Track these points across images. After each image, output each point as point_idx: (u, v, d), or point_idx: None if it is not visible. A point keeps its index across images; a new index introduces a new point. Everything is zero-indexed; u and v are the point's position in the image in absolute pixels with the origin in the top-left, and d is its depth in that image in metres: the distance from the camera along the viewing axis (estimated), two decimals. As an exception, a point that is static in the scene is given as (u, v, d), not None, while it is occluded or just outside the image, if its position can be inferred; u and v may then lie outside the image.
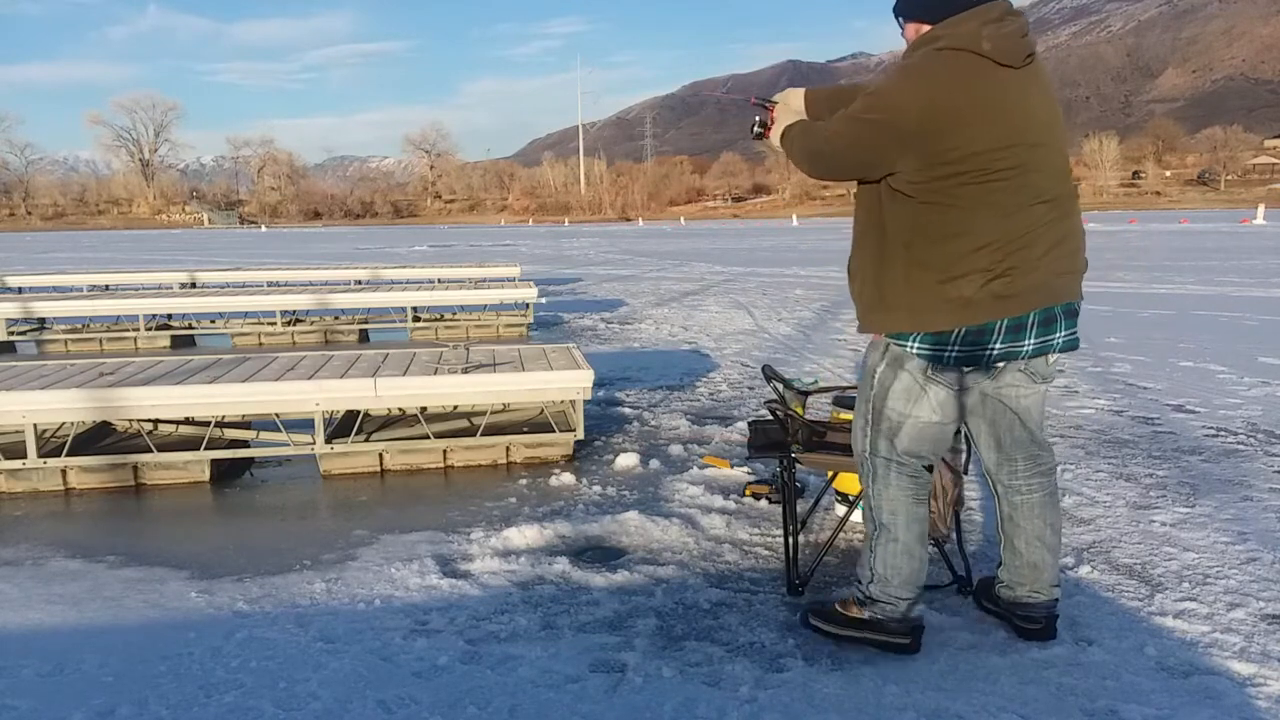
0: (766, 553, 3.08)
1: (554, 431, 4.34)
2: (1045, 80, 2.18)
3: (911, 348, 2.20)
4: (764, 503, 3.54)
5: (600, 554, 3.13)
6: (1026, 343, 2.17)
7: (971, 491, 3.61)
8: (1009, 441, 2.36)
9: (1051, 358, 2.26)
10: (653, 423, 4.96)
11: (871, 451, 2.34)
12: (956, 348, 2.17)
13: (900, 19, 2.25)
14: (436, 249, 29.75)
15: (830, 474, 3.27)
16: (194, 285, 11.74)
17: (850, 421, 3.02)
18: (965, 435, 2.74)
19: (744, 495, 3.63)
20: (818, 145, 2.26)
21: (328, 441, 4.14)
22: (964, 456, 2.75)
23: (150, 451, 4.05)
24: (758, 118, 2.43)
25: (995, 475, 2.43)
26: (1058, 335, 2.21)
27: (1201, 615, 2.55)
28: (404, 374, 4.26)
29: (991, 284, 2.10)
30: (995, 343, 2.15)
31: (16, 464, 3.92)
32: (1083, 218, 2.28)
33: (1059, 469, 3.95)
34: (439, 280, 11.06)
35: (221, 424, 4.37)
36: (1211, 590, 2.72)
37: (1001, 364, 2.21)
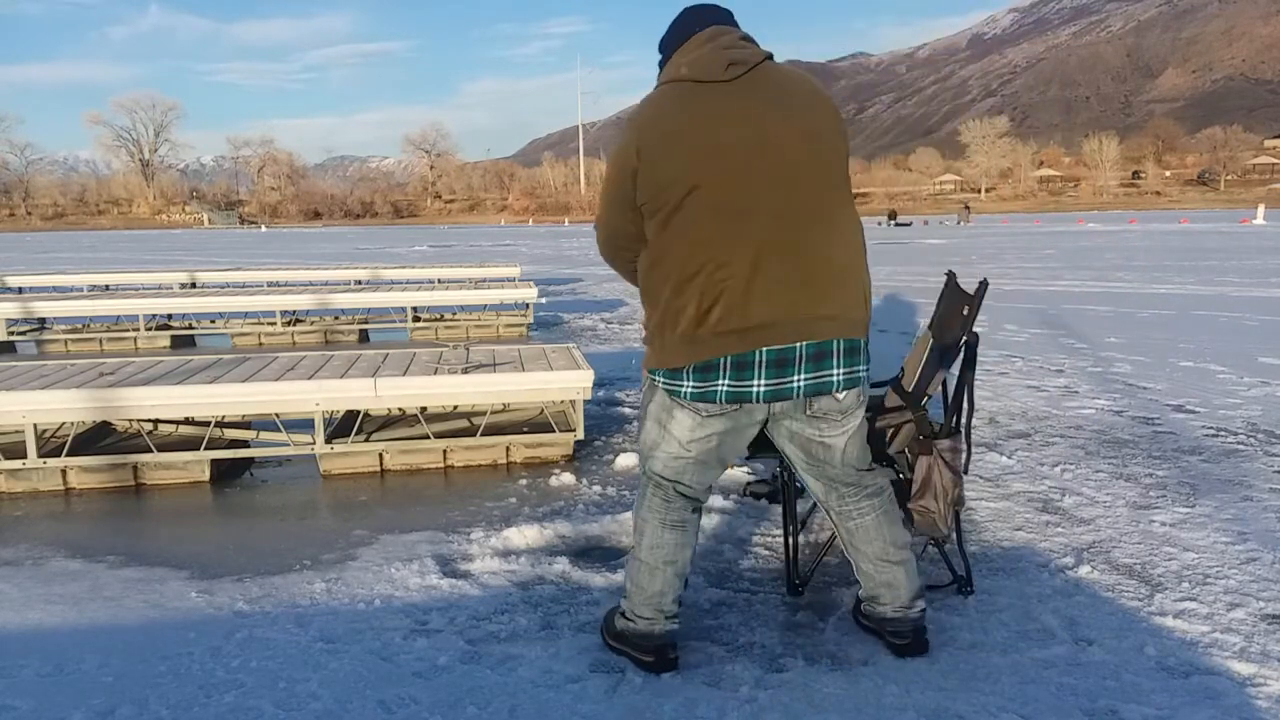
0: (766, 552, 3.08)
1: (554, 431, 4.34)
2: (774, 93, 2.02)
3: (658, 380, 2.16)
4: (763, 502, 3.54)
5: (600, 554, 3.13)
6: (756, 383, 2.04)
7: (971, 491, 3.61)
8: (828, 474, 2.28)
9: (842, 396, 2.12)
10: (653, 423, 4.95)
11: (640, 465, 2.33)
12: (691, 383, 2.07)
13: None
14: (436, 249, 29.75)
15: (830, 474, 3.28)
16: (194, 285, 11.74)
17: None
18: (965, 434, 2.74)
19: (743, 495, 3.63)
20: (598, 232, 2.26)
21: (328, 441, 4.14)
22: (964, 456, 2.75)
23: (150, 451, 4.05)
24: None
25: (825, 503, 2.35)
26: (797, 378, 2.05)
27: (1201, 615, 2.55)
28: (404, 374, 4.26)
29: (707, 319, 2.00)
30: (723, 379, 2.04)
31: (16, 464, 3.92)
32: (862, 255, 2.13)
33: (1059, 468, 3.96)
34: (439, 280, 11.07)
35: (221, 424, 4.37)
36: (1211, 590, 2.72)
37: (773, 403, 2.09)
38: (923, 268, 16.29)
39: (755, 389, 2.06)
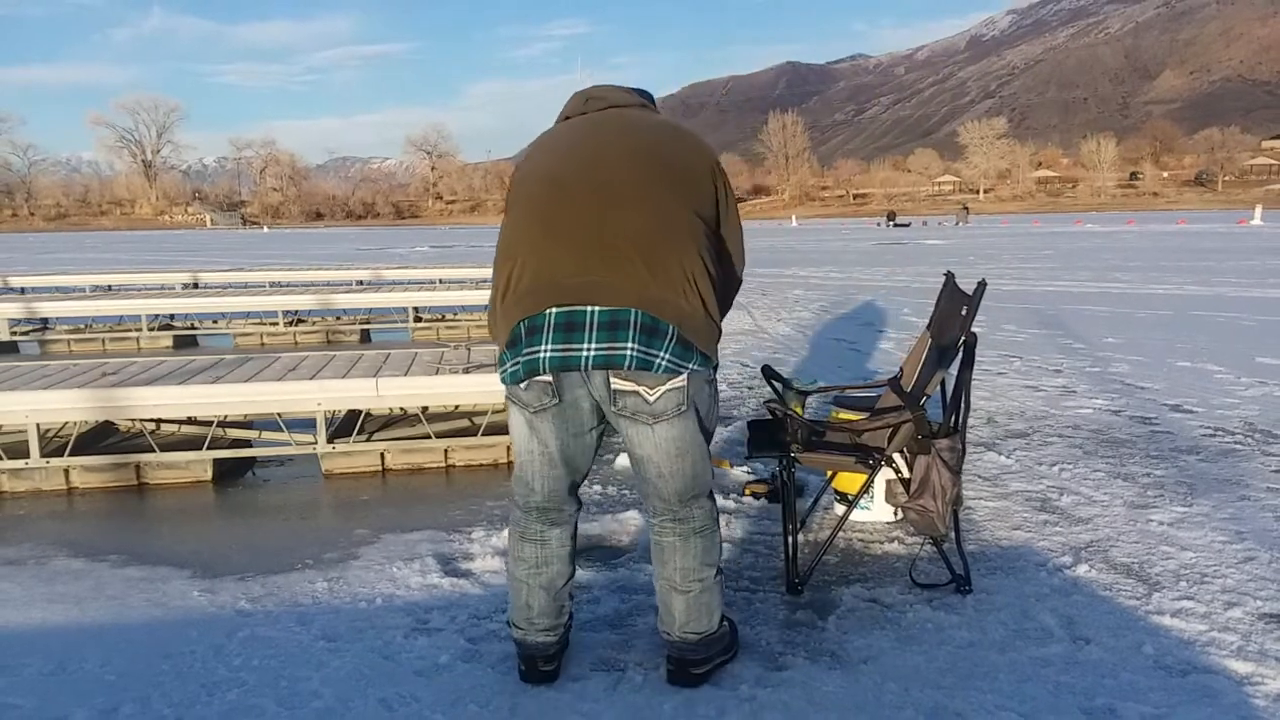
0: (766, 551, 3.09)
1: (554, 431, 4.34)
2: (617, 120, 2.22)
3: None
4: (763, 502, 3.56)
5: (600, 553, 3.14)
6: (544, 348, 1.98)
7: (970, 491, 3.63)
8: (643, 481, 2.20)
9: (653, 397, 2.01)
10: (653, 423, 4.96)
11: None
12: (507, 365, 2.07)
13: None
14: (438, 249, 29.76)
15: (829, 473, 3.29)
16: (196, 286, 11.76)
17: (850, 421, 3.04)
18: (962, 433, 2.75)
19: (743, 494, 3.64)
20: None
21: (330, 441, 4.16)
22: (961, 455, 2.76)
23: (153, 451, 4.06)
24: None
25: (644, 504, 2.30)
26: (587, 346, 1.97)
27: (1199, 614, 2.56)
28: (405, 374, 4.27)
29: (509, 287, 2.07)
30: (522, 351, 2.02)
31: (19, 463, 3.93)
32: (679, 236, 2.04)
33: (1057, 468, 3.97)
34: (440, 280, 11.09)
35: (224, 424, 4.39)
36: (1209, 589, 2.73)
37: (562, 376, 2.03)
38: (921, 268, 16.31)
39: (542, 355, 1.99)
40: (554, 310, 2.00)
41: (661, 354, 1.99)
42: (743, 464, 4.06)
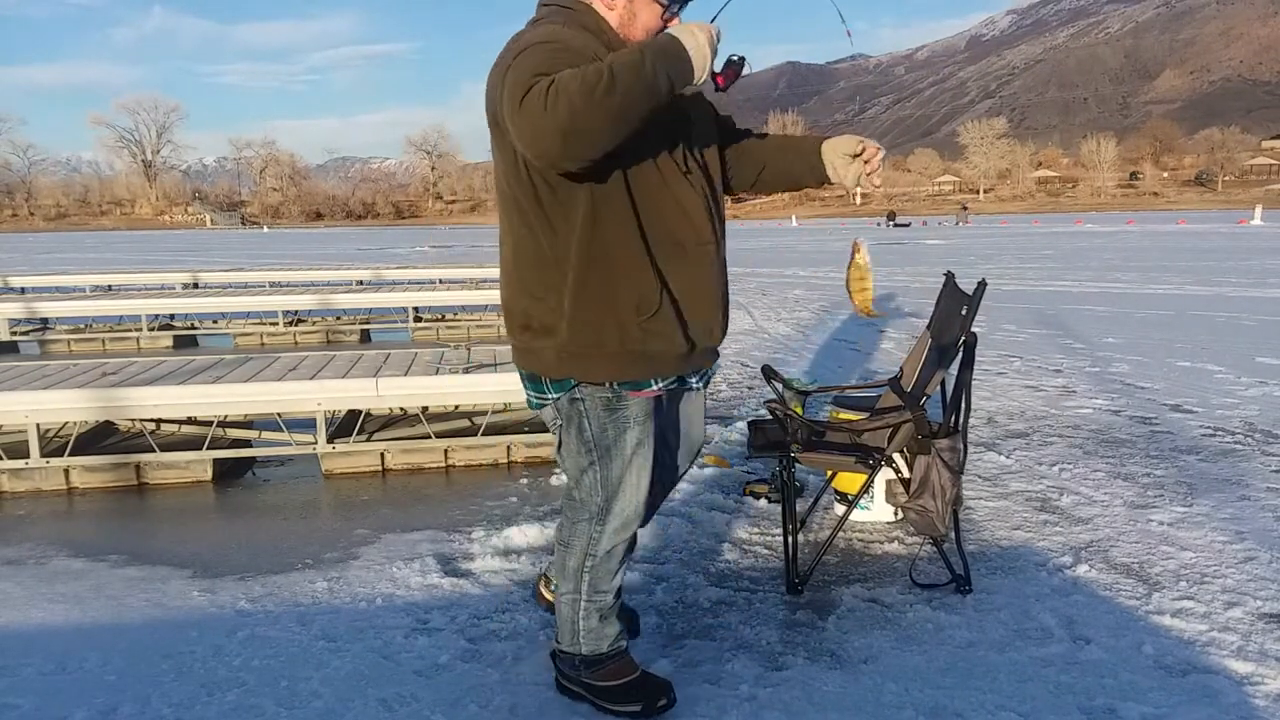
0: (766, 551, 3.09)
1: (554, 431, 4.34)
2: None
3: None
4: (763, 502, 3.56)
5: (601, 553, 3.13)
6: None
7: (970, 491, 3.63)
8: None
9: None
10: (653, 423, 4.96)
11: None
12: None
13: None
14: (438, 249, 29.76)
15: (830, 473, 3.29)
16: (196, 286, 11.77)
17: (850, 421, 3.04)
18: (963, 433, 2.75)
19: (743, 494, 3.64)
20: None
21: (330, 441, 4.16)
22: (961, 454, 2.76)
23: (153, 451, 4.06)
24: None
25: None
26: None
27: (1199, 614, 2.56)
28: (405, 374, 4.27)
29: None
30: None
31: (19, 463, 3.93)
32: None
33: (1057, 468, 3.97)
34: (440, 280, 11.09)
35: (224, 424, 4.39)
36: (1209, 589, 2.73)
37: None
38: (921, 268, 16.31)
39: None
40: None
41: (531, 394, 2.10)
42: (743, 463, 4.06)
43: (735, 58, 1.83)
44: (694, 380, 2.11)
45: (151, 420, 4.35)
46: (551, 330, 1.90)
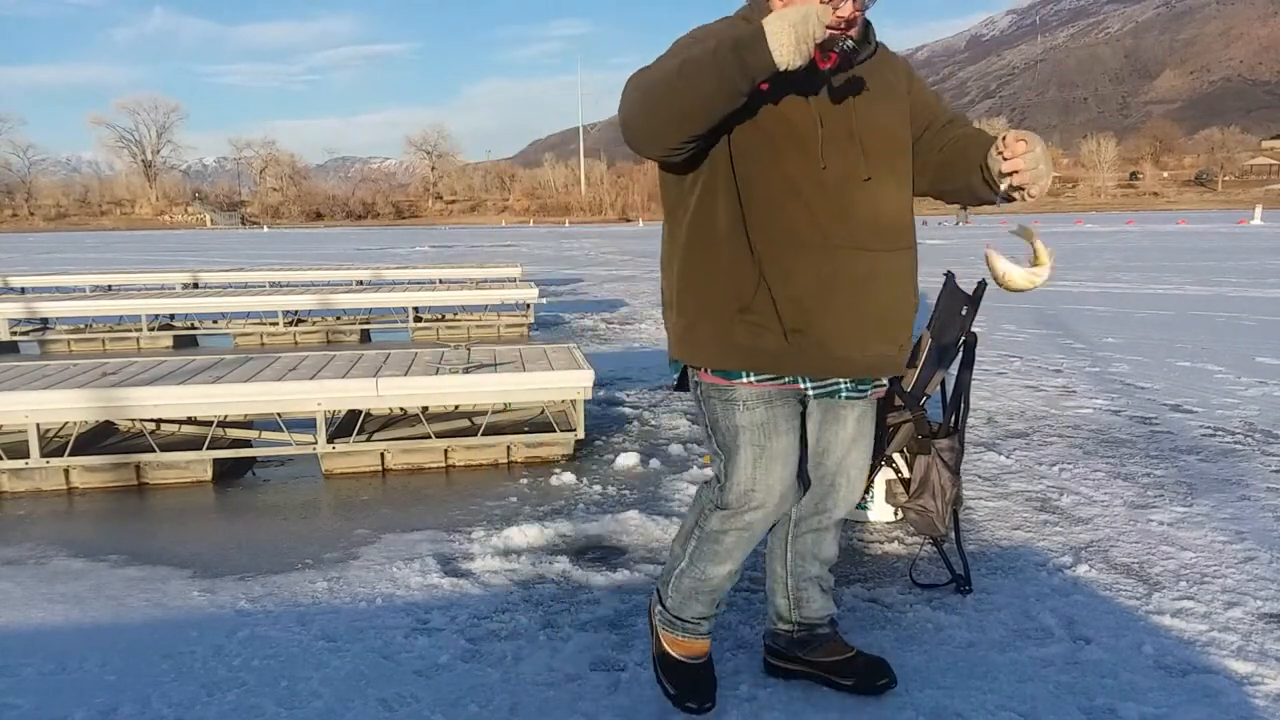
0: (766, 551, 3.08)
1: (555, 431, 4.35)
2: None
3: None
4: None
5: (601, 553, 3.14)
6: None
7: (970, 491, 3.63)
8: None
9: None
10: (653, 422, 4.97)
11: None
12: None
13: None
14: (438, 249, 29.75)
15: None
16: (196, 286, 11.76)
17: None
18: (961, 433, 2.75)
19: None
20: None
21: (330, 441, 4.16)
22: (960, 455, 2.76)
23: (153, 451, 4.06)
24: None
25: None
26: None
27: (1199, 614, 2.57)
28: (405, 374, 4.27)
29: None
30: None
31: (19, 463, 3.93)
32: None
33: (1057, 468, 3.97)
34: (440, 280, 11.08)
35: (224, 424, 4.39)
36: (1209, 589, 2.73)
37: None
38: (921, 268, 16.26)
39: None
40: None
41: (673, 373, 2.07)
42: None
43: (847, 44, 1.67)
44: (847, 392, 1.94)
45: (151, 420, 4.35)
46: (669, 310, 1.99)
